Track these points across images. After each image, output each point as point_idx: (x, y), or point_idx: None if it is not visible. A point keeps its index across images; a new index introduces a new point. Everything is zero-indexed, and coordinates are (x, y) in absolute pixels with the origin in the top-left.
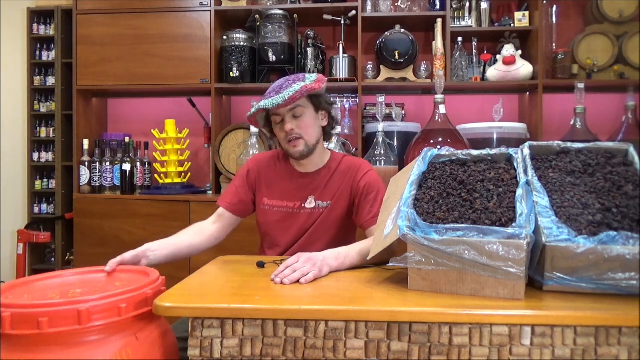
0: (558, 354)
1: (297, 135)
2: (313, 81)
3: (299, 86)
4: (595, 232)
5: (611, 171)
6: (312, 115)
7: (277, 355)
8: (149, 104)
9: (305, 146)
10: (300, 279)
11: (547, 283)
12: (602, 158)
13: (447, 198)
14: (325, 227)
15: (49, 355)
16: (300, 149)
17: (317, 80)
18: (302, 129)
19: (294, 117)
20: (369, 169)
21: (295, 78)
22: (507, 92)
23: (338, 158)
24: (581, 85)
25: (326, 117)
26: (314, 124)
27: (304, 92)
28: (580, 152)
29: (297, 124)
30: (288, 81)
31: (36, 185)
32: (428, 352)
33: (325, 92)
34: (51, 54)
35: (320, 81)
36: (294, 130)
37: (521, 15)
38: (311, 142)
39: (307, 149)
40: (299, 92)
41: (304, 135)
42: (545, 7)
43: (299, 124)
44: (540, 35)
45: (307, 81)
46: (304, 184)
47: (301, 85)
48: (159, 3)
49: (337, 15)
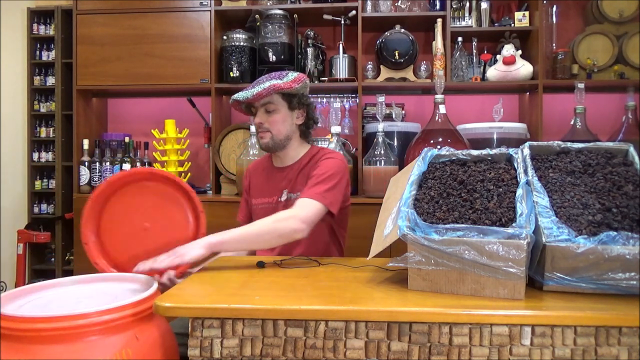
0: (558, 354)
1: (265, 128)
2: (288, 80)
3: (269, 84)
4: (595, 232)
5: (611, 171)
6: (284, 112)
7: (277, 355)
8: (149, 104)
9: (271, 139)
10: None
11: (547, 283)
12: (602, 158)
13: (447, 198)
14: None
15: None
16: (265, 141)
17: (292, 80)
18: (270, 124)
19: (267, 111)
20: (330, 157)
21: (274, 75)
22: (507, 92)
23: (313, 152)
24: (581, 85)
25: (303, 116)
26: (284, 121)
27: (272, 90)
28: (580, 152)
29: (267, 119)
30: (267, 77)
31: (36, 185)
32: (428, 352)
33: (303, 92)
34: (51, 54)
35: (296, 81)
36: (262, 123)
37: (521, 15)
38: (278, 137)
39: (272, 142)
40: (266, 90)
41: (271, 130)
42: (545, 7)
43: (269, 118)
44: (540, 35)
45: (282, 80)
46: (279, 178)
47: (272, 83)
48: (159, 3)
49: (337, 15)
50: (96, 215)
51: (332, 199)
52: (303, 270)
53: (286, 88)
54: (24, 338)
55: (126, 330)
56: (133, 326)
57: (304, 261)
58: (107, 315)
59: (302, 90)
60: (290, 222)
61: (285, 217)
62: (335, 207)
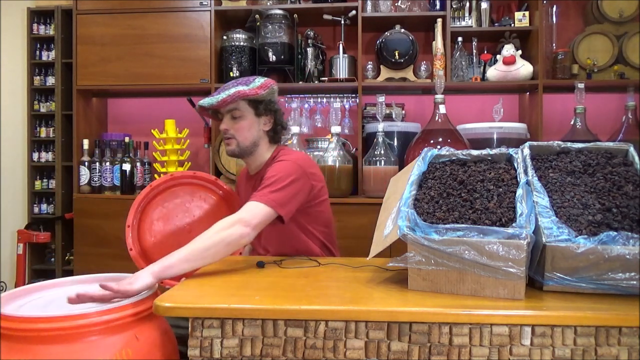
0: (558, 354)
1: (230, 135)
2: (254, 87)
3: (234, 90)
4: (595, 232)
5: (611, 171)
6: (250, 119)
7: (277, 355)
8: (149, 104)
9: (237, 147)
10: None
11: (547, 283)
12: (602, 158)
13: (447, 198)
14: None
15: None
16: (231, 148)
17: (258, 87)
18: (236, 131)
19: (232, 118)
20: (283, 159)
21: (240, 81)
22: (507, 92)
23: (274, 154)
24: (581, 85)
25: (270, 122)
26: (250, 128)
27: (236, 97)
28: (580, 152)
29: (232, 125)
30: (234, 83)
31: (36, 185)
32: (428, 352)
33: (270, 98)
34: (51, 54)
35: (262, 87)
36: (228, 130)
37: (521, 15)
38: (244, 144)
39: (238, 149)
40: (231, 97)
41: (237, 137)
42: (545, 7)
43: (234, 125)
44: (540, 35)
45: (248, 86)
46: (251, 185)
47: (237, 90)
48: (159, 3)
49: (337, 15)
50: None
51: (280, 200)
52: (303, 270)
53: (251, 95)
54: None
55: (126, 330)
56: (133, 326)
57: (304, 261)
58: (107, 315)
59: (268, 97)
60: (235, 229)
61: (229, 224)
62: (285, 209)
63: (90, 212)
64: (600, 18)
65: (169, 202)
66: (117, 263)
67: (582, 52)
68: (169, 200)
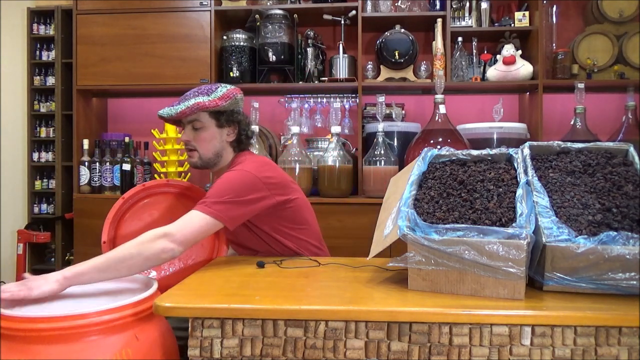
0: (558, 354)
1: (191, 147)
2: (215, 97)
3: (194, 101)
4: (595, 232)
5: (611, 171)
6: (212, 130)
7: (277, 355)
8: (149, 104)
9: (199, 159)
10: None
11: (547, 283)
12: (602, 158)
13: (447, 198)
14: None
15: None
16: (193, 160)
17: (220, 97)
18: (197, 142)
19: (194, 128)
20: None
21: (201, 91)
22: (507, 92)
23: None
24: (581, 85)
25: (234, 132)
26: (212, 139)
27: (195, 109)
28: (580, 152)
29: (194, 136)
30: (195, 92)
31: (36, 185)
32: (428, 352)
33: (233, 108)
34: (51, 54)
35: (223, 98)
36: (189, 141)
37: (521, 15)
38: (206, 155)
39: (201, 161)
40: (189, 109)
41: (198, 149)
42: (545, 7)
43: (196, 136)
44: (540, 35)
45: (210, 96)
46: None
47: (196, 102)
48: (159, 3)
49: (337, 15)
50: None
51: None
52: (303, 270)
53: (211, 107)
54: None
55: (126, 330)
56: (133, 326)
57: (304, 261)
58: (107, 315)
59: (231, 107)
60: (158, 243)
61: (153, 237)
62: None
63: (90, 212)
64: (600, 18)
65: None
66: None
67: (582, 52)
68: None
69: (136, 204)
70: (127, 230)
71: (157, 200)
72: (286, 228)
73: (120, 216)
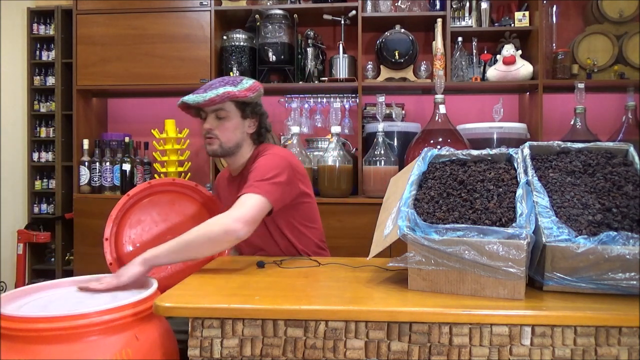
0: (558, 354)
1: (214, 135)
2: (242, 89)
3: (223, 90)
4: (595, 232)
5: (611, 171)
6: (236, 120)
7: (277, 355)
8: (149, 104)
9: (220, 147)
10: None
11: (547, 283)
12: (602, 158)
13: (447, 198)
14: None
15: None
16: (213, 148)
17: (247, 89)
18: (220, 131)
19: (217, 117)
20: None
21: (228, 81)
22: (507, 92)
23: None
24: (581, 85)
25: (255, 125)
26: (235, 129)
27: (225, 98)
28: (580, 152)
29: (217, 125)
30: (221, 82)
31: (36, 185)
32: (428, 352)
33: (257, 101)
34: (51, 54)
35: (251, 90)
36: (212, 130)
37: (521, 15)
38: (227, 145)
39: (221, 149)
40: (220, 97)
41: (220, 137)
42: (545, 7)
43: (219, 125)
44: (540, 35)
45: (236, 87)
46: (235, 186)
47: (225, 90)
48: (159, 3)
49: (337, 15)
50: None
51: (271, 190)
52: (303, 270)
53: (241, 97)
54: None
55: (126, 330)
56: (133, 326)
57: (304, 261)
58: (107, 315)
59: (256, 99)
60: (221, 227)
61: (216, 220)
62: (274, 198)
63: (90, 212)
64: (600, 18)
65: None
66: None
67: (582, 52)
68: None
69: (140, 201)
70: (130, 227)
71: (161, 198)
72: (299, 225)
73: (123, 213)
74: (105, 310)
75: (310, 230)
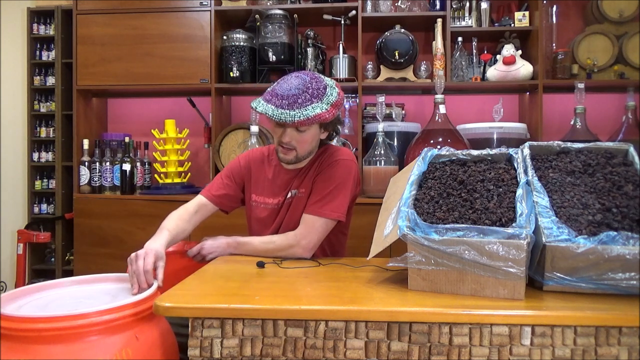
0: (558, 354)
1: (291, 146)
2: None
3: (313, 112)
4: (595, 232)
5: (611, 171)
6: (315, 132)
7: (277, 355)
8: (149, 104)
9: (296, 157)
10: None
11: (547, 283)
12: (602, 158)
13: (447, 198)
14: (297, 214)
15: (49, 355)
16: (289, 158)
17: (333, 105)
18: (299, 143)
19: (297, 130)
20: (338, 158)
21: (312, 93)
22: (507, 92)
23: (321, 151)
24: (581, 85)
25: (328, 131)
26: (312, 140)
27: (315, 121)
28: (580, 152)
29: (296, 137)
30: (308, 97)
31: (36, 185)
32: (428, 352)
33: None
34: (51, 54)
35: (337, 106)
36: (291, 142)
37: (521, 15)
38: (303, 155)
39: (296, 159)
40: (310, 120)
41: (298, 149)
42: (545, 7)
43: (298, 138)
44: (540, 35)
45: (323, 101)
46: (288, 179)
47: (316, 114)
48: (159, 3)
49: (337, 15)
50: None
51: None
52: (303, 270)
53: (330, 119)
54: (24, 338)
55: (126, 330)
56: (133, 326)
57: (304, 261)
58: (107, 315)
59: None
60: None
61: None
62: (343, 213)
63: (90, 212)
64: (600, 18)
65: None
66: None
67: (582, 52)
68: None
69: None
70: None
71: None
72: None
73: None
74: (105, 310)
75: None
